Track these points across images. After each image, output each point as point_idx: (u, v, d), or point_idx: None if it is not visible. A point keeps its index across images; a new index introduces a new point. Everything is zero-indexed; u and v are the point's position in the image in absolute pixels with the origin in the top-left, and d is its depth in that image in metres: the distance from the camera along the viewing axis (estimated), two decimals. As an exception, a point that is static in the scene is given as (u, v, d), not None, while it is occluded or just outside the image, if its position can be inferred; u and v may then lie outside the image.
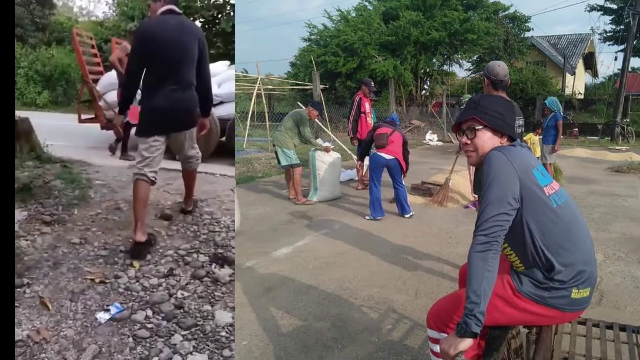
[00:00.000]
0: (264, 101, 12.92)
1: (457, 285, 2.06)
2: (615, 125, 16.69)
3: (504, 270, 1.63)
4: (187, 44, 3.16)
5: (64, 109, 13.04)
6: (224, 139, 6.48)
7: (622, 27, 22.53)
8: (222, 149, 6.31)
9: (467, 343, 1.41)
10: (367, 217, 5.40)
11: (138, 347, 2.17)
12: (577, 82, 26.24)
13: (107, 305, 2.43)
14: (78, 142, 5.75)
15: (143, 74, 3.15)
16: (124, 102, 3.34)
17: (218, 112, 6.31)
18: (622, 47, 20.49)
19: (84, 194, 3.95)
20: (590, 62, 29.65)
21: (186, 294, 2.61)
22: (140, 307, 2.46)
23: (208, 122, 3.55)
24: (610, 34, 24.96)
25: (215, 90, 6.34)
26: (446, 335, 1.54)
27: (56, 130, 5.46)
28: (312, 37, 21.17)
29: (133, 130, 5.17)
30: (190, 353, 2.17)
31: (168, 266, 2.86)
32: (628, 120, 17.43)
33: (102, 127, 6.42)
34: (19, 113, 5.22)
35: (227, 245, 3.21)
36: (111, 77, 6.39)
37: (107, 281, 2.65)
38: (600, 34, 26.08)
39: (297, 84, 17.71)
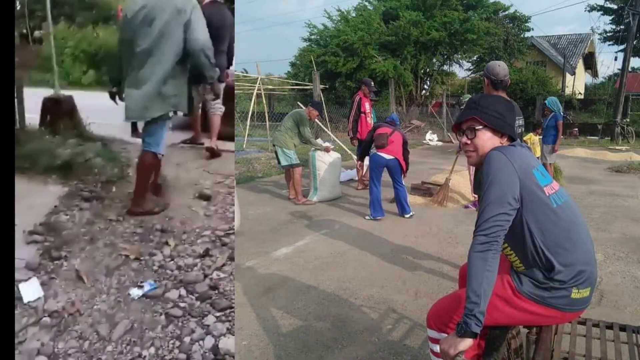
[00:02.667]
0: (264, 101, 12.92)
1: (457, 285, 2.06)
2: (615, 125, 16.69)
3: (504, 270, 1.63)
4: (225, 25, 4.61)
5: (108, 89, 13.01)
6: None
7: (622, 27, 22.55)
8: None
9: (467, 343, 1.41)
10: (367, 217, 5.40)
11: (170, 326, 2.18)
12: (577, 82, 26.24)
13: (141, 282, 2.44)
14: (120, 120, 5.69)
15: None
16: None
17: None
18: (622, 47, 20.51)
19: (122, 172, 3.97)
20: (590, 62, 29.66)
21: (222, 275, 2.59)
22: (174, 286, 2.46)
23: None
24: (610, 34, 24.99)
25: None
26: (446, 335, 1.54)
27: (99, 109, 5.41)
28: (312, 37, 21.18)
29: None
30: (224, 335, 2.15)
31: (204, 246, 2.85)
32: (628, 120, 17.42)
33: None
34: (63, 92, 5.25)
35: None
36: None
37: (141, 258, 2.67)
38: (600, 34, 26.16)
39: (297, 84, 17.71)
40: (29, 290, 2.29)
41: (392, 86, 14.61)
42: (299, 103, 10.24)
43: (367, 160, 6.13)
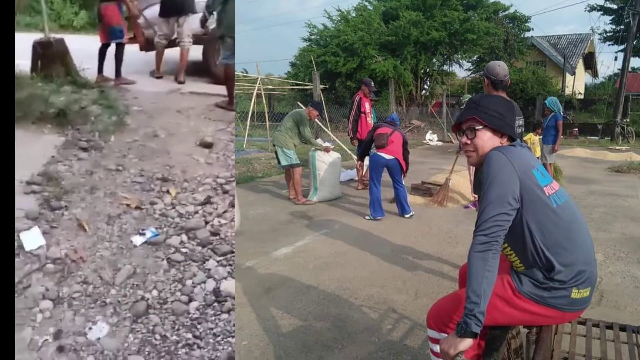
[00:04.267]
0: (264, 101, 12.91)
1: (457, 285, 2.06)
2: (615, 125, 16.68)
3: (504, 270, 1.63)
4: None
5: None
6: None
7: (622, 27, 22.54)
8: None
9: (467, 343, 1.41)
10: (367, 217, 5.40)
11: (172, 270, 2.25)
12: (577, 82, 26.24)
13: (143, 230, 2.49)
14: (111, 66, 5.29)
15: None
16: None
17: None
18: (622, 47, 20.50)
19: (121, 120, 3.91)
20: (590, 62, 29.66)
21: (223, 221, 2.63)
22: (176, 233, 2.51)
23: None
24: (610, 34, 24.99)
25: None
26: (446, 335, 1.54)
27: (93, 54, 5.19)
28: (312, 37, 21.17)
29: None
30: (225, 278, 2.21)
31: (205, 194, 2.87)
32: (628, 120, 17.41)
33: (141, 48, 5.88)
34: (54, 35, 4.99)
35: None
36: None
37: (142, 207, 2.71)
38: (600, 34, 26.15)
39: (297, 84, 17.70)
40: (31, 238, 2.34)
41: (392, 86, 14.60)
42: (299, 103, 10.25)
43: (367, 160, 6.14)
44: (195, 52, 5.70)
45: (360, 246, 4.38)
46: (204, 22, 5.08)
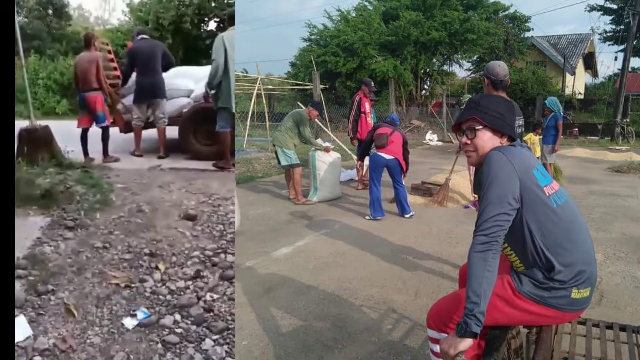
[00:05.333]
0: (264, 101, 12.91)
1: (457, 285, 2.06)
2: (615, 125, 16.68)
3: (504, 270, 1.63)
4: (155, 53, 6.02)
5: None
6: None
7: (622, 27, 22.54)
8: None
9: (467, 343, 1.41)
10: (367, 217, 5.40)
11: (168, 354, 2.10)
12: (577, 82, 26.23)
13: (134, 310, 2.37)
14: (98, 147, 5.83)
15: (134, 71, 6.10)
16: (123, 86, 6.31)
17: None
18: (622, 47, 20.47)
19: (105, 198, 3.96)
20: (590, 62, 29.65)
21: (216, 296, 2.53)
22: (168, 312, 2.39)
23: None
24: (610, 34, 24.98)
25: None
26: (446, 335, 1.54)
27: (76, 137, 5.63)
28: (312, 37, 21.18)
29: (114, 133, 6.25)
30: (223, 358, 2.10)
31: (194, 268, 2.80)
32: (628, 120, 17.41)
33: (121, 131, 6.51)
34: (39, 122, 5.34)
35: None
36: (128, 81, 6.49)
37: (132, 285, 2.61)
38: (600, 34, 26.12)
39: (297, 84, 17.70)
40: (17, 329, 2.17)
41: (392, 86, 14.60)
42: (299, 103, 10.24)
43: (367, 160, 6.14)
44: (173, 131, 6.30)
45: (360, 246, 4.38)
46: (207, 98, 5.73)
